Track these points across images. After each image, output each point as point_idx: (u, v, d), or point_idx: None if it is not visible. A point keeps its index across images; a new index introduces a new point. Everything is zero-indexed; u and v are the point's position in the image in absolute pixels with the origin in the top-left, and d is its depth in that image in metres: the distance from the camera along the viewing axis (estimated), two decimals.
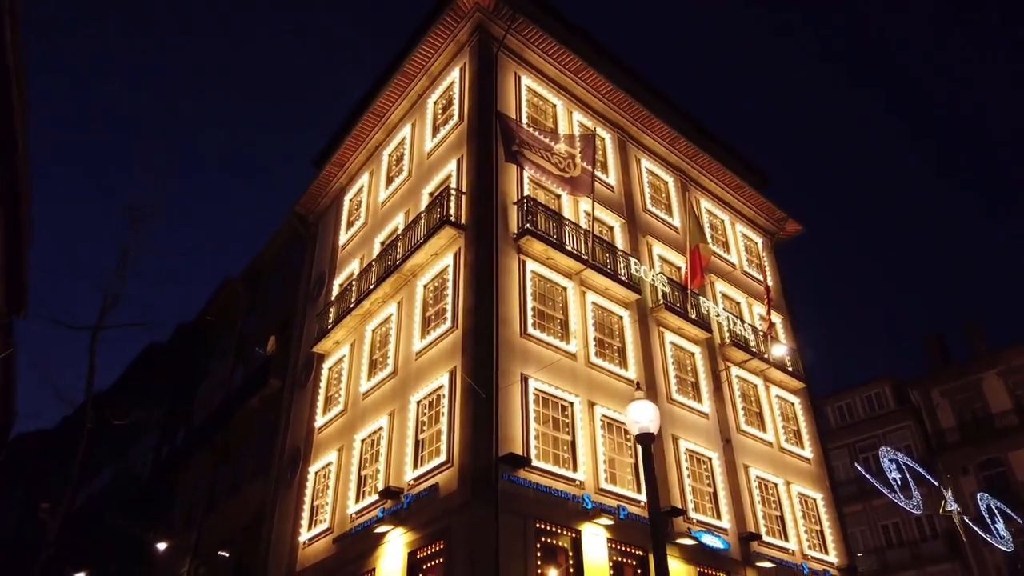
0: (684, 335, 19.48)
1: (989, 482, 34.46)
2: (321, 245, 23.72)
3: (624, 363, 17.39)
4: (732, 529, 17.27)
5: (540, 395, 14.97)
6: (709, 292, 21.59)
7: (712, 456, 17.98)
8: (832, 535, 20.05)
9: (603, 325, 17.57)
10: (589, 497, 14.39)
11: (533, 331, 15.54)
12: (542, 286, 16.62)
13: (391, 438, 15.75)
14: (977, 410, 36.21)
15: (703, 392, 19.00)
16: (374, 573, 14.52)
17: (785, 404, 21.71)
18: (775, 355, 20.38)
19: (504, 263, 15.82)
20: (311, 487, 18.13)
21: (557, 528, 13.73)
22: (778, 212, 25.86)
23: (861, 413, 40.43)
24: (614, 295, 17.98)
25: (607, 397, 16.27)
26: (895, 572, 35.98)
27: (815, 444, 21.64)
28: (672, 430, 17.45)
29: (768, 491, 19.20)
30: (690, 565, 15.75)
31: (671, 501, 16.14)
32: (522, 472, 13.63)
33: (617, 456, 15.96)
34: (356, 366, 18.38)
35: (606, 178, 20.31)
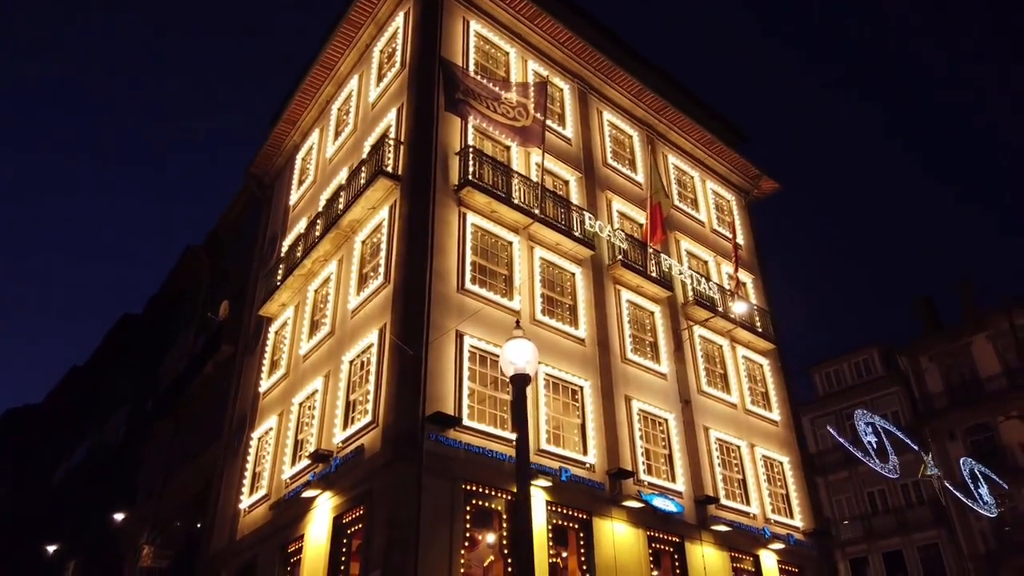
0: (643, 293, 18.68)
1: (976, 447, 33.78)
2: (276, 206, 22.91)
3: (574, 321, 16.62)
4: (687, 492, 16.62)
5: (477, 353, 14.24)
6: (674, 250, 20.74)
7: (668, 417, 17.28)
8: (799, 499, 19.41)
9: (552, 282, 16.77)
10: None
11: (472, 286, 14.76)
12: (485, 240, 15.81)
13: (324, 400, 15.08)
14: (966, 374, 35.39)
15: (662, 352, 18.24)
16: (303, 540, 13.94)
17: (753, 365, 20.96)
18: (736, 312, 19.56)
19: (442, 215, 15.00)
20: (253, 453, 17.55)
21: (490, 490, 13.08)
22: (753, 169, 24.86)
23: (849, 380, 39.70)
24: (566, 251, 17.16)
25: (553, 356, 15.53)
26: (880, 539, 35.53)
27: (784, 407, 20.91)
28: (626, 390, 16.73)
29: (730, 454, 18.52)
30: (639, 528, 15.14)
31: (621, 463, 15.48)
32: (452, 432, 12.95)
33: (563, 417, 15.28)
34: (298, 328, 17.69)
35: (563, 131, 19.37)
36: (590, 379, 16.03)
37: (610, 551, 14.34)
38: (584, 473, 14.72)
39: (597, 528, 14.38)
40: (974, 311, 36.52)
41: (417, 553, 11.39)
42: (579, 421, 15.44)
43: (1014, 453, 32.58)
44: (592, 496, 14.61)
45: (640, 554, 14.87)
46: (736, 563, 16.93)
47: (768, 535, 17.72)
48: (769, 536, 17.70)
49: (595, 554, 14.05)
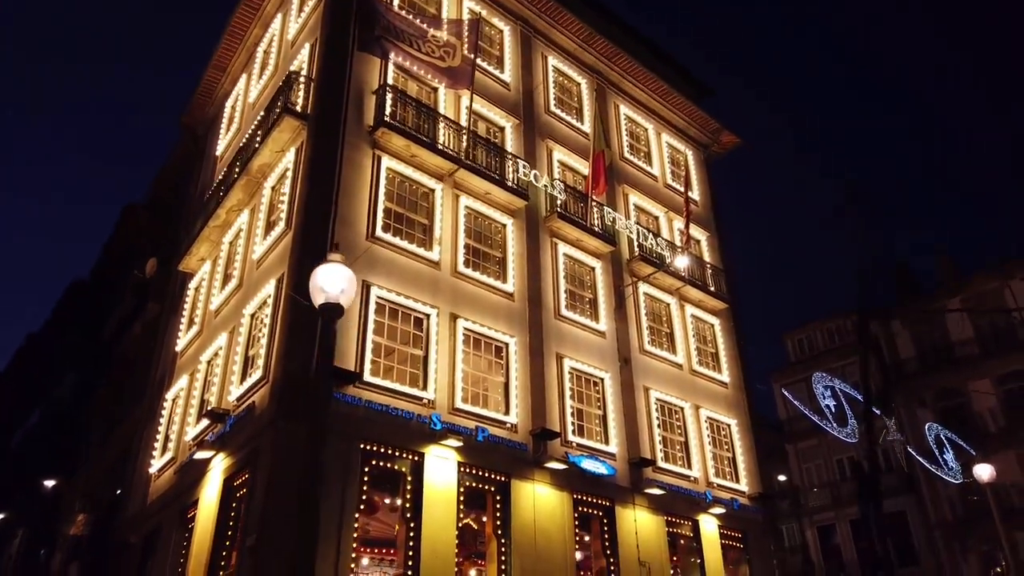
0: (583, 247, 17.68)
1: (946, 413, 33.16)
2: (208, 157, 21.72)
3: (502, 275, 15.64)
4: (621, 454, 15.82)
5: (386, 305, 13.26)
6: (622, 204, 19.70)
7: (604, 377, 16.40)
8: (746, 463, 18.67)
9: (479, 233, 15.75)
10: (439, 417, 12.83)
11: (383, 234, 13.73)
12: (403, 186, 14.73)
13: (227, 357, 14.13)
14: (937, 340, 34.68)
15: (601, 309, 17.31)
16: (197, 505, 13.09)
17: (703, 325, 20.07)
18: (678, 266, 18.60)
19: (352, 158, 13.90)
20: (166, 415, 16.62)
21: (393, 450, 12.21)
22: (712, 123, 23.72)
23: (821, 346, 38.99)
24: (496, 201, 16.11)
25: (476, 310, 14.58)
26: (848, 506, 35.06)
27: (735, 368, 20.08)
28: (558, 348, 15.82)
29: (672, 415, 17.71)
30: (564, 491, 14.33)
31: (548, 423, 14.62)
32: (351, 388, 12.03)
33: (485, 375, 14.38)
34: (213, 282, 16.65)
35: (500, 75, 18.18)
36: (517, 336, 15.10)
37: (529, 515, 13.55)
38: (504, 433, 13.87)
39: (516, 491, 13.57)
40: (949, 277, 35.70)
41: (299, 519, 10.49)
42: (503, 380, 14.55)
43: (984, 419, 31.99)
44: (512, 457, 13.77)
45: (564, 518, 14.08)
46: (673, 528, 16.21)
47: (709, 499, 16.99)
48: (710, 500, 16.97)
49: (512, 517, 13.25)
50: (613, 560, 14.63)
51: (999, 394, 31.84)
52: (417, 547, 11.77)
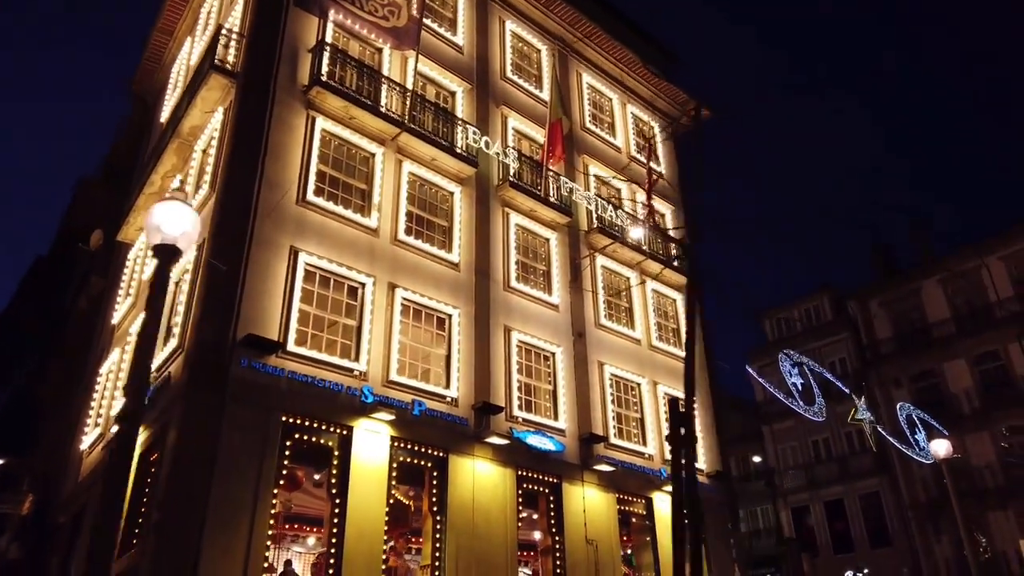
0: (537, 218, 17.07)
1: (921, 394, 32.88)
2: (155, 124, 20.91)
3: (447, 245, 15.02)
4: (571, 430, 15.32)
5: (317, 272, 12.63)
6: (581, 176, 19.07)
7: (556, 351, 15.86)
8: (704, 440, 18.20)
9: (424, 200, 15.11)
10: (371, 390, 12.26)
11: (315, 199, 13.06)
12: (340, 150, 14.05)
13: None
14: (915, 320, 34.31)
15: (554, 282, 16.73)
16: None
17: (664, 300, 19.54)
18: (633, 237, 18.02)
19: (282, 117, 13.19)
20: (99, 390, 16.01)
21: (319, 424, 11.64)
22: (680, 94, 23.04)
23: (798, 326, 38.60)
24: (444, 167, 15.46)
25: (418, 280, 13.97)
26: (823, 487, 34.86)
27: (698, 344, 19.51)
28: (506, 321, 15.25)
29: (628, 391, 17.21)
30: (507, 468, 13.83)
31: (492, 398, 14.09)
32: (273, 359, 11.43)
33: (426, 347, 13.80)
34: (147, 253, 15.96)
35: (452, 37, 17.45)
36: (462, 307, 14.52)
37: (468, 491, 13.04)
38: (444, 407, 13.32)
39: (455, 467, 13.04)
40: (927, 256, 35.28)
41: (209, 492, 9.95)
42: (444, 352, 13.98)
43: (959, 400, 31.71)
44: (452, 432, 13.23)
45: (506, 495, 13.58)
46: (625, 506, 15.77)
47: (664, 476, 16.51)
48: (665, 477, 16.49)
49: (449, 494, 12.74)
50: (559, 538, 14.17)
51: (974, 375, 31.55)
52: (342, 524, 11.24)
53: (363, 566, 11.13)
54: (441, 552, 12.30)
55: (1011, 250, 31.63)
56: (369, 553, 11.29)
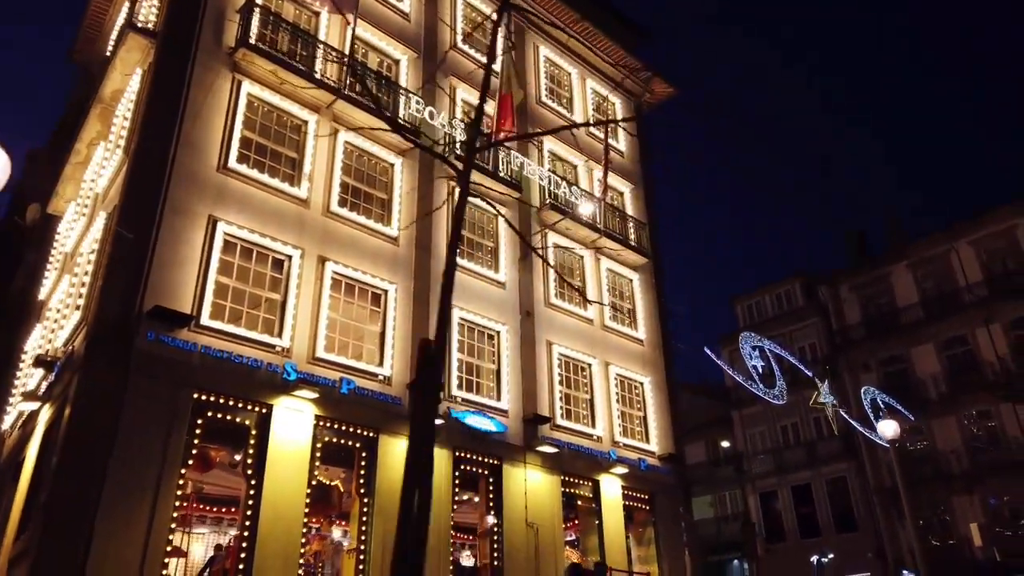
0: (485, 193, 16.46)
1: (889, 379, 32.74)
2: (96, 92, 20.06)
3: (386, 218, 14.43)
4: (515, 411, 14.85)
5: (238, 243, 12.02)
6: (535, 151, 18.50)
7: (501, 329, 15.36)
8: (658, 422, 17.82)
9: (361, 171, 14.49)
10: (294, 367, 11.70)
11: (238, 166, 12.41)
12: (269, 116, 13.39)
13: (66, 300, 12.84)
14: (884, 305, 34.13)
15: (502, 259, 16.21)
16: (23, 464, 11.88)
17: (620, 280, 19.06)
18: (582, 212, 17.50)
19: (203, 80, 12.50)
20: (24, 368, 15.33)
21: (235, 401, 11.08)
22: (644, 71, 22.46)
23: (770, 311, 38.36)
24: (384, 138, 14.81)
25: (350, 254, 13.38)
26: (791, 472, 34.73)
27: (653, 325, 19.14)
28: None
29: (578, 371, 16.75)
30: (443, 448, 13.27)
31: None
32: (185, 332, 10.83)
33: (358, 323, 13.24)
34: (72, 224, 15.27)
35: (398, 3, 16.76)
36: (400, 283, 13.97)
37: (399, 472, 12.45)
38: (375, 386, 12.79)
39: (385, 447, 12.54)
40: (898, 241, 35.07)
41: (106, 472, 9.37)
42: (379, 329, 13.43)
43: (926, 385, 31.59)
44: (384, 412, 12.71)
45: (441, 476, 13.06)
46: (570, 488, 15.34)
47: (613, 458, 16.12)
48: (614, 459, 16.11)
49: (378, 475, 12.24)
50: (498, 521, 13.72)
51: (942, 360, 31.43)
52: (257, 506, 10.71)
53: (279, 549, 10.62)
54: (367, 535, 11.81)
55: (980, 234, 31.45)
56: (286, 536, 10.78)
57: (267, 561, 10.44)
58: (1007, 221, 30.67)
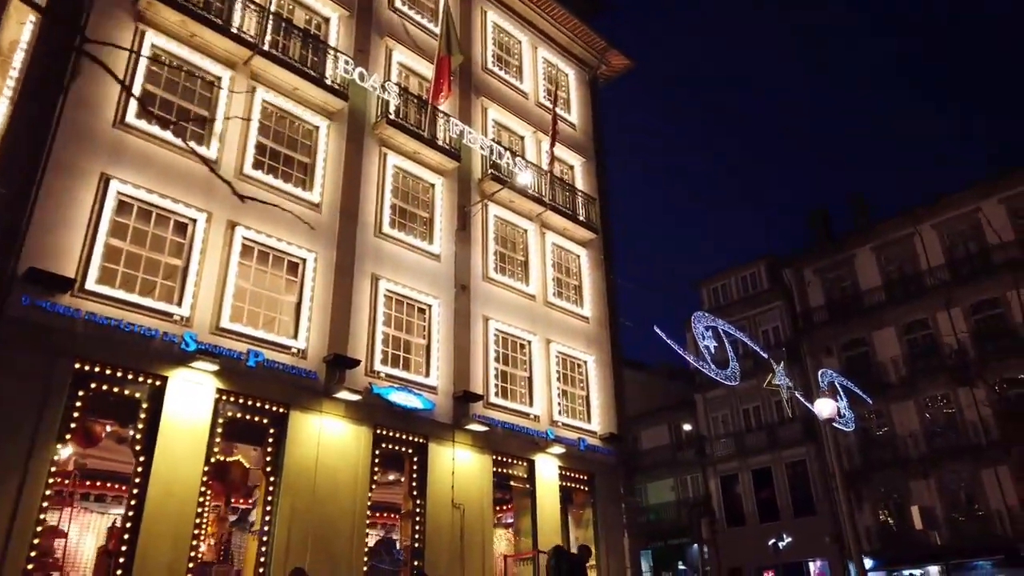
0: (421, 161, 15.75)
1: (851, 362, 32.57)
2: None
3: (309, 183, 13.65)
4: (445, 388, 14.21)
5: (135, 204, 11.21)
6: (479, 119, 17.75)
7: (433, 303, 14.69)
8: (602, 401, 17.29)
9: (281, 133, 13.67)
10: (193, 336, 10.95)
11: (135, 122, 11.55)
12: (178, 70, 12.51)
13: None
14: (847, 288, 33.90)
15: (437, 230, 15.49)
16: None
17: (566, 255, 18.44)
18: (519, 182, 16.80)
19: (103, 29, 11.57)
20: None
21: (123, 372, 10.32)
22: (599, 41, 21.71)
23: (735, 294, 38.04)
24: (307, 98, 14.01)
25: (264, 219, 12.57)
26: (752, 455, 34.56)
27: (600, 302, 18.57)
28: (375, 269, 13.99)
29: (517, 348, 16.14)
30: (362, 426, 12.67)
31: (351, 351, 12.88)
32: (67, 298, 10.03)
33: (271, 293, 12.49)
34: None
35: None
36: (321, 252, 13.22)
37: (312, 451, 11.86)
38: (288, 359, 12.08)
39: (297, 423, 11.84)
40: (863, 223, 34.78)
41: None
42: (295, 299, 12.69)
43: (887, 368, 31.44)
44: (295, 386, 12.01)
45: (359, 455, 12.44)
46: (503, 468, 14.77)
47: (550, 438, 15.57)
48: (551, 439, 15.55)
49: (287, 453, 11.56)
50: (420, 502, 13.12)
51: (902, 343, 31.27)
52: (144, 484, 10.00)
53: (168, 530, 9.92)
54: (272, 516, 11.14)
55: (943, 218, 31.23)
56: (178, 516, 10.08)
57: (154, 541, 9.74)
58: (969, 204, 30.46)
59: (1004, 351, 27.80)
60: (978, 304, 29.55)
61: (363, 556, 11.93)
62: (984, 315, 29.33)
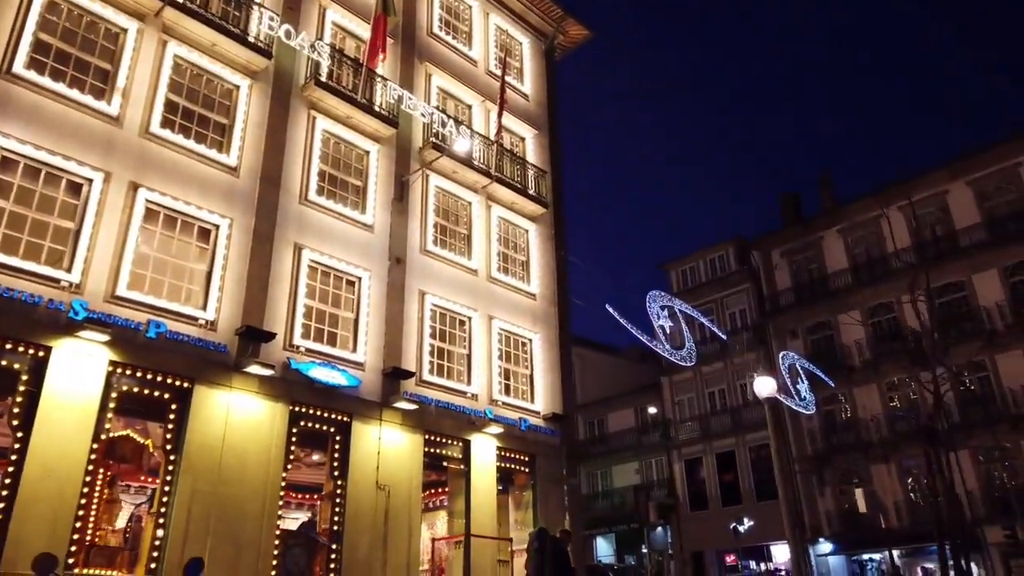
0: (354, 126, 14.95)
1: (816, 345, 32.32)
2: None
3: (225, 145, 12.81)
4: (374, 364, 13.52)
5: (20, 161, 10.35)
6: (422, 86, 16.94)
7: (363, 276, 13.96)
8: (547, 380, 16.70)
9: (196, 91, 12.80)
10: (84, 304, 10.18)
11: (26, 72, 10.66)
12: (77, 19, 11.60)
13: None
14: (813, 271, 33.54)
15: (371, 200, 14.72)
16: None
17: (513, 230, 17.75)
18: (458, 150, 16.03)
19: None
20: None
21: (0, 342, 9.51)
22: (556, 10, 20.92)
23: (703, 277, 37.59)
24: (227, 56, 13.14)
25: (172, 181, 11.78)
26: (716, 439, 34.28)
27: (549, 279, 17.93)
28: (298, 238, 13.22)
29: (456, 325, 15.48)
30: (278, 403, 11.96)
31: (267, 323, 12.14)
32: None
33: (178, 260, 11.69)
34: None
35: None
36: (237, 218, 12.43)
37: (219, 428, 11.14)
38: (194, 331, 11.32)
39: (202, 399, 11.10)
40: (831, 205, 34.39)
41: None
42: (205, 268, 11.91)
43: (850, 352, 31.18)
44: (202, 359, 11.26)
45: (273, 433, 11.74)
46: (435, 448, 14.14)
47: (489, 417, 14.96)
48: (489, 418, 14.94)
49: (189, 430, 10.82)
50: (342, 483, 12.46)
51: (866, 327, 30.97)
52: (21, 461, 9.24)
53: (46, 511, 9.19)
54: (170, 497, 10.43)
55: (912, 199, 30.84)
56: (58, 497, 9.34)
57: (28, 525, 9.00)
58: (938, 186, 30.14)
59: (966, 335, 27.61)
60: (944, 287, 29.29)
61: (274, 540, 11.26)
62: (948, 298, 29.10)
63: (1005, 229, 27.84)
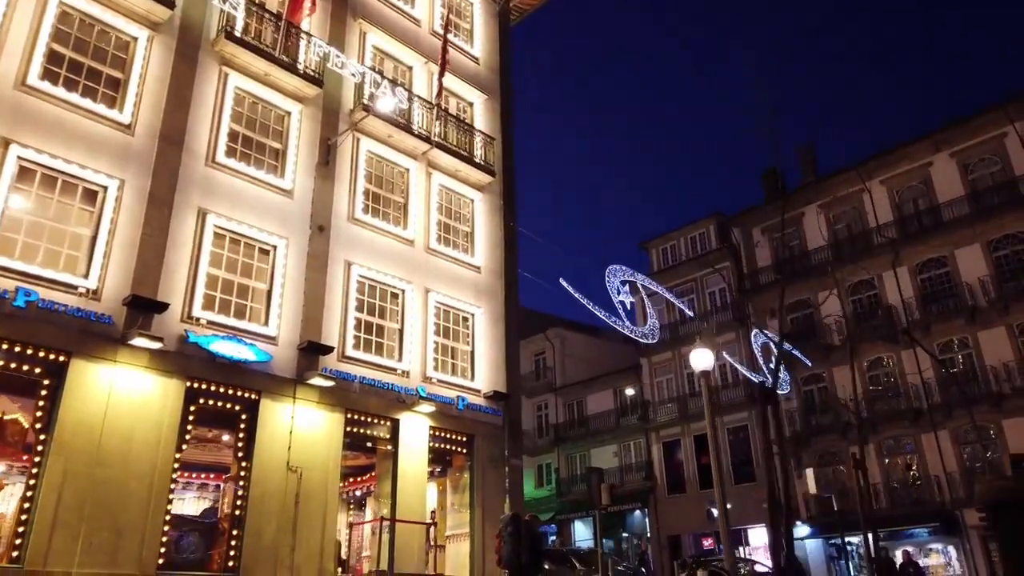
0: (273, 84, 13.93)
1: (796, 324, 31.36)
2: None
3: (119, 102, 11.82)
4: (288, 338, 12.60)
5: None
6: (356, 44, 15.91)
7: (279, 244, 13.01)
8: (489, 357, 15.80)
9: (85, 42, 11.79)
10: None
11: None
12: None
13: None
14: (794, 248, 32.52)
15: (290, 163, 13.74)
16: None
17: (457, 199, 16.77)
18: (381, 108, 14.95)
19: None
20: None
21: None
22: None
23: (683, 255, 36.60)
24: (122, 4, 12.11)
25: (52, 138, 10.80)
26: (695, 421, 33.43)
27: (496, 252, 16.97)
28: (203, 203, 12.26)
29: (387, 298, 14.53)
30: (172, 379, 11.06)
31: (163, 293, 11.22)
32: None
33: (57, 224, 10.74)
34: None
35: None
36: (130, 179, 11.46)
37: (99, 404, 10.24)
38: (73, 300, 10.39)
39: (77, 373, 10.18)
40: (812, 180, 33.29)
41: None
42: (90, 232, 10.95)
43: (829, 330, 30.25)
44: (82, 331, 10.34)
45: (166, 410, 10.84)
46: (358, 428, 13.26)
47: (421, 395, 14.06)
48: (421, 396, 14.04)
49: (63, 407, 9.92)
50: (247, 464, 11.58)
51: (846, 304, 29.97)
52: None
53: None
54: (39, 480, 9.55)
55: (894, 173, 29.83)
56: None
57: None
58: (921, 159, 29.06)
59: (947, 313, 26.67)
60: (925, 263, 28.32)
61: (163, 525, 10.39)
62: (930, 274, 28.13)
63: (990, 201, 26.78)
